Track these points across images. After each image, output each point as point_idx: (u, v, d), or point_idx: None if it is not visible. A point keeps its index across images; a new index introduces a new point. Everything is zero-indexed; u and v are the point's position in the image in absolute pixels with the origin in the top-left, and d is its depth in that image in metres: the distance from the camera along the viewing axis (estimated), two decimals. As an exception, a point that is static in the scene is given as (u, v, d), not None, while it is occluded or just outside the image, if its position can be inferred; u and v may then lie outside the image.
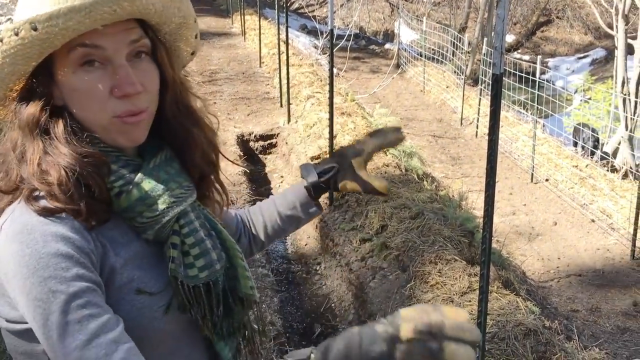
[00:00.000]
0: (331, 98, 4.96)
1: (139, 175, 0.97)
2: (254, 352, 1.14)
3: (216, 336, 1.05)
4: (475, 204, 6.14)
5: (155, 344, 0.98)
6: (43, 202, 0.90)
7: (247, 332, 1.11)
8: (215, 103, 8.69)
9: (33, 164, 0.91)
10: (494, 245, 4.91)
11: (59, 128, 0.93)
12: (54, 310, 0.84)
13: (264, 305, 3.75)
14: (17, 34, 0.87)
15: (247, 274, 1.09)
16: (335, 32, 6.17)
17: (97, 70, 0.93)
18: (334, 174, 1.28)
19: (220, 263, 1.04)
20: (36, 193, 0.91)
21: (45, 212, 0.89)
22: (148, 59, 0.98)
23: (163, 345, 1.00)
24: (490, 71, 9.97)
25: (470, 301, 3.28)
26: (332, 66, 4.94)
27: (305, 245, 5.21)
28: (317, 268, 4.78)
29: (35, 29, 0.86)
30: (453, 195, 5.76)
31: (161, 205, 0.97)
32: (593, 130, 9.09)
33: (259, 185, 6.47)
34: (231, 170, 6.00)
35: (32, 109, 0.93)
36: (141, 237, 0.98)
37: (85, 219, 0.91)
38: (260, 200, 1.43)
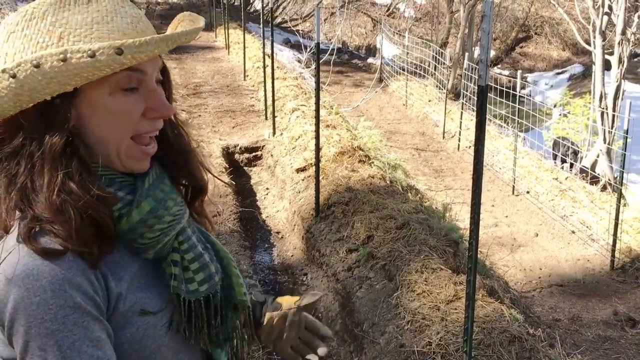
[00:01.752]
0: (317, 110, 5.02)
1: (138, 196, 0.97)
2: (244, 355, 1.17)
3: (212, 345, 1.06)
4: (459, 216, 6.23)
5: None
6: (43, 242, 0.86)
7: (238, 335, 1.13)
8: (200, 116, 8.71)
9: (49, 200, 0.87)
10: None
11: (74, 162, 0.90)
12: None
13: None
14: (92, 57, 0.85)
15: (240, 281, 1.12)
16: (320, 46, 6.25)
17: (133, 94, 0.95)
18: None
19: (218, 275, 1.06)
20: (34, 230, 0.87)
21: (49, 255, 0.86)
22: (159, 83, 1.02)
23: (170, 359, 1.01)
24: (471, 85, 10.16)
25: (456, 309, 3.33)
26: (318, 78, 5.01)
27: (292, 256, 5.23)
28: (304, 278, 4.80)
29: (120, 54, 0.86)
30: (437, 207, 5.84)
31: (162, 225, 0.98)
32: (572, 144, 9.28)
33: (245, 197, 6.49)
34: (217, 182, 6.02)
35: (56, 138, 0.88)
36: (140, 256, 0.98)
37: (91, 259, 0.89)
38: (246, 210, 1.46)
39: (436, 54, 12.60)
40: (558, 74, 20.65)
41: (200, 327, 1.02)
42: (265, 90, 8.36)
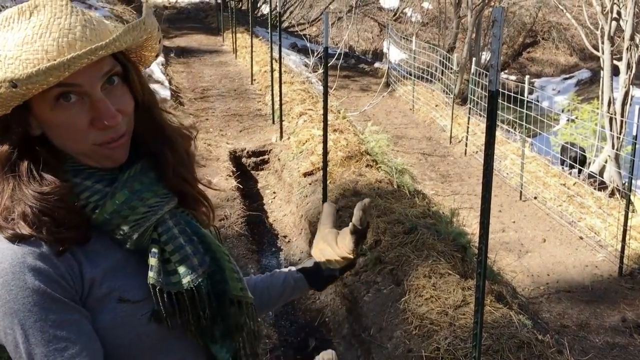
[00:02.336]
0: (325, 114, 5.02)
1: (113, 188, 1.00)
2: (254, 353, 1.16)
3: (208, 340, 1.07)
4: (466, 221, 6.21)
5: (144, 349, 1.01)
6: (12, 226, 0.93)
7: (244, 333, 1.12)
8: (207, 119, 8.74)
9: (2, 201, 0.95)
10: (485, 260, 4.96)
11: (24, 167, 0.96)
12: (23, 342, 0.90)
13: (259, 319, 3.76)
14: (15, 87, 0.90)
15: (235, 275, 1.11)
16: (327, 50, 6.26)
17: (75, 105, 0.96)
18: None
19: (202, 268, 1.05)
20: (8, 218, 0.93)
21: (13, 239, 0.92)
22: (120, 82, 1.02)
23: (155, 349, 1.02)
24: (478, 90, 10.14)
25: (464, 314, 3.32)
26: (326, 83, 5.01)
27: (299, 260, 5.23)
28: (311, 283, 4.79)
29: (15, 87, 0.90)
30: (444, 212, 5.82)
31: (136, 216, 1.00)
32: (580, 149, 9.25)
33: (252, 201, 6.49)
34: (224, 186, 6.04)
35: (5, 147, 0.96)
36: (123, 247, 1.00)
37: (50, 246, 0.93)
38: (253, 214, 1.49)
39: (443, 58, 12.59)
40: (565, 79, 20.61)
41: (186, 320, 1.03)
42: (272, 95, 8.37)
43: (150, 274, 1.00)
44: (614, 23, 8.85)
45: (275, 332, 3.79)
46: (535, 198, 8.29)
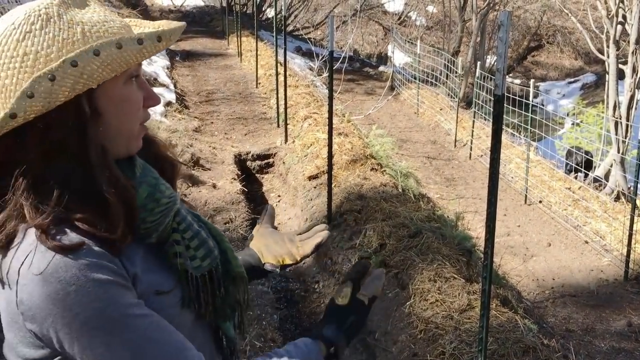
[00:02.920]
0: (330, 117, 5.03)
1: (135, 183, 1.01)
2: (244, 326, 1.22)
3: (220, 318, 1.12)
4: (471, 225, 6.20)
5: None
6: (61, 239, 0.89)
7: (241, 307, 1.18)
8: (212, 123, 8.75)
9: (70, 193, 0.91)
10: (490, 264, 4.95)
11: (98, 151, 0.94)
12: (122, 333, 0.89)
13: (264, 322, 3.77)
14: (140, 44, 0.94)
15: (234, 254, 1.18)
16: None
17: (134, 84, 1.02)
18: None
19: (216, 249, 1.12)
20: (51, 229, 0.89)
21: (66, 250, 0.88)
22: None
23: (187, 337, 1.04)
24: (483, 94, 10.13)
25: (470, 318, 3.32)
26: (331, 86, 5.02)
27: (303, 263, 5.23)
28: (316, 286, 4.80)
29: (160, 40, 0.97)
30: (449, 216, 5.82)
31: (161, 208, 1.02)
32: (586, 153, 9.22)
33: (257, 204, 6.50)
34: (229, 189, 6.05)
35: (90, 130, 0.93)
36: (143, 242, 1.01)
37: (113, 247, 0.92)
38: (258, 217, 1.53)
39: (448, 62, 12.59)
40: (570, 83, 20.58)
41: (207, 301, 1.07)
42: (277, 98, 8.39)
43: (180, 260, 1.04)
44: (619, 27, 8.83)
45: (280, 336, 3.79)
46: (540, 202, 8.28)
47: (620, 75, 9.04)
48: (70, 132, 0.92)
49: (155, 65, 10.87)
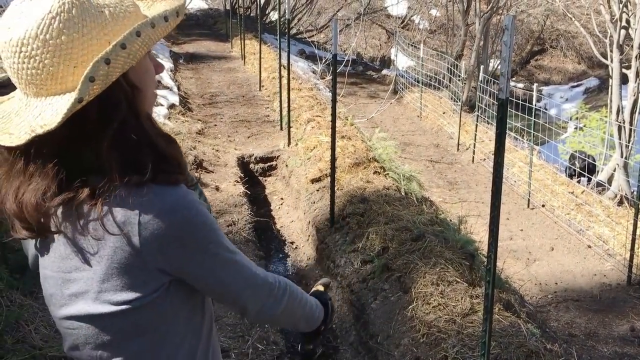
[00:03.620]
0: (333, 121, 5.03)
1: None
2: None
3: None
4: (474, 229, 6.19)
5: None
6: (163, 179, 1.05)
7: None
8: (215, 125, 8.77)
9: (162, 145, 1.09)
10: (493, 268, 4.94)
11: (148, 119, 1.09)
12: (224, 248, 1.12)
13: (266, 325, 3.76)
14: (166, 20, 1.05)
15: None
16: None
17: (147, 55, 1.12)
18: None
19: None
20: (152, 176, 1.04)
21: (177, 184, 1.07)
22: None
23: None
24: (486, 97, 10.13)
25: (472, 322, 3.31)
26: (334, 89, 5.02)
27: (306, 266, 5.23)
28: (318, 289, 4.79)
29: (178, 15, 1.07)
30: (452, 220, 5.81)
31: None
32: (589, 157, 9.21)
33: (259, 207, 6.50)
34: (232, 192, 6.05)
35: (136, 102, 1.06)
36: None
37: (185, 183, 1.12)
38: (260, 220, 1.67)
39: (451, 66, 12.59)
40: (573, 87, 20.56)
41: None
42: (280, 101, 8.40)
43: None
44: (623, 31, 8.83)
45: (281, 339, 3.79)
46: (543, 206, 8.26)
47: (624, 79, 9.03)
48: (122, 108, 1.03)
49: (159, 68, 10.87)
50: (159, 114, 8.09)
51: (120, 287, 1.03)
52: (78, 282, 1.04)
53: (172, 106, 8.84)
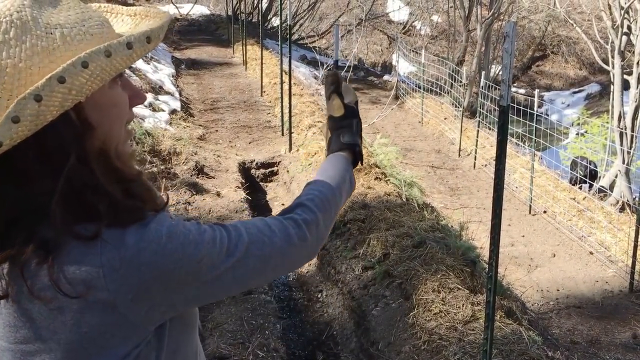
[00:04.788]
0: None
1: None
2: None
3: None
4: (475, 235, 6.17)
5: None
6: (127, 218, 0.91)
7: None
8: (217, 131, 8.77)
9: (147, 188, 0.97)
10: (494, 275, 4.93)
11: (100, 161, 0.92)
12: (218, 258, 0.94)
13: (267, 332, 3.75)
14: (130, 48, 0.87)
15: None
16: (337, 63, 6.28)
17: (119, 83, 0.95)
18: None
19: None
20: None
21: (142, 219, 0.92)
22: None
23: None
24: (487, 103, 10.13)
25: (474, 330, 3.30)
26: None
27: (307, 272, 5.22)
28: (319, 295, 4.78)
29: (149, 42, 0.89)
30: (453, 226, 5.80)
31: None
32: (590, 163, 9.20)
33: (260, 212, 6.49)
34: (233, 197, 6.04)
35: (87, 143, 0.89)
36: None
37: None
38: None
39: (452, 71, 12.61)
40: (575, 92, 20.56)
41: None
42: (282, 107, 8.40)
43: None
44: (624, 37, 8.84)
45: (283, 346, 3.77)
46: (544, 212, 8.25)
47: (625, 85, 9.03)
48: (67, 149, 0.85)
49: (161, 73, 10.91)
50: (160, 119, 8.10)
51: (97, 352, 0.87)
52: (41, 355, 0.87)
53: (173, 112, 8.85)
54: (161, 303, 0.89)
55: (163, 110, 8.62)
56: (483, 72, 11.34)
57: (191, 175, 6.37)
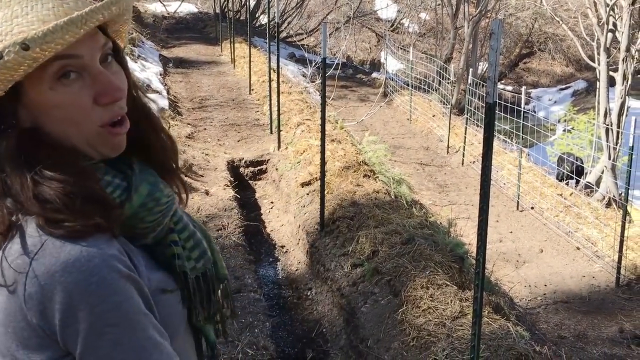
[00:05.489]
0: (323, 124, 5.04)
1: (134, 181, 0.97)
2: (225, 330, 1.18)
3: (206, 321, 1.08)
4: (463, 231, 6.22)
5: (179, 339, 1.00)
6: (67, 226, 0.84)
7: (222, 310, 1.14)
8: (205, 129, 8.75)
9: (29, 198, 0.85)
10: (482, 271, 4.96)
11: (42, 152, 0.88)
12: (131, 334, 0.84)
13: (256, 330, 3.76)
14: (0, 57, 0.83)
15: (219, 255, 1.14)
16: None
17: (76, 82, 0.90)
18: None
19: (209, 251, 1.08)
20: (50, 221, 0.85)
21: (80, 235, 0.84)
22: (114, 61, 0.97)
23: (185, 338, 1.04)
24: (475, 100, 10.18)
25: (462, 326, 3.32)
26: (324, 93, 5.03)
27: (296, 270, 5.23)
28: (308, 293, 4.79)
29: (27, 49, 0.82)
30: (441, 222, 5.83)
31: (161, 207, 0.98)
32: (577, 159, 9.27)
33: (250, 210, 6.49)
34: (222, 196, 6.03)
35: (8, 139, 0.87)
36: (139, 242, 0.97)
37: (110, 230, 0.88)
38: (250, 224, 1.49)
39: (440, 69, 12.65)
40: (562, 89, 20.70)
41: (202, 303, 1.04)
42: (270, 104, 8.39)
43: (179, 262, 1.00)
44: (609, 34, 8.90)
45: (272, 343, 3.78)
46: (532, 208, 8.31)
47: (611, 82, 9.10)
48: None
49: (148, 72, 10.86)
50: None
51: (19, 345, 0.84)
52: None
53: (161, 110, 8.81)
54: (60, 331, 0.84)
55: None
56: (471, 70, 11.37)
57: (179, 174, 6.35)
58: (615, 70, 8.91)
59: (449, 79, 12.06)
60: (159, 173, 1.04)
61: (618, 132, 8.61)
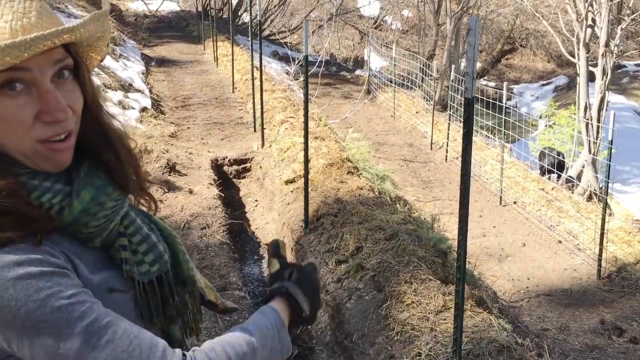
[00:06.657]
0: (306, 122, 5.05)
1: (76, 187, 0.95)
2: (196, 329, 1.17)
3: (168, 321, 1.07)
4: (447, 226, 6.25)
5: None
6: None
7: (188, 310, 1.14)
8: (188, 128, 8.71)
9: None
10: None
11: None
12: (71, 322, 0.84)
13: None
14: None
15: (186, 257, 1.13)
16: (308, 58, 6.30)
17: (21, 95, 0.89)
18: None
19: (167, 253, 1.07)
20: None
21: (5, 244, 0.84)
22: (71, 78, 0.96)
23: None
24: (458, 97, 10.25)
25: (445, 319, 3.35)
26: (307, 90, 5.04)
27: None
28: (293, 290, 4.79)
29: None
30: (425, 218, 5.87)
31: (106, 212, 0.97)
32: (558, 154, 9.38)
33: (234, 209, 6.48)
34: (206, 194, 6.02)
35: None
36: (87, 245, 0.96)
37: (29, 239, 0.87)
38: (235, 222, 1.49)
39: (423, 65, 12.72)
40: (543, 85, 20.89)
41: (157, 308, 1.03)
42: (253, 103, 8.38)
43: (126, 267, 0.99)
44: (589, 30, 9.01)
45: (257, 341, 3.78)
46: (514, 203, 8.39)
47: (591, 77, 9.22)
48: None
49: (131, 71, 10.79)
50: (130, 117, 8.02)
51: None
52: None
53: (144, 109, 8.76)
54: None
55: (133, 108, 8.52)
56: (453, 66, 11.46)
57: (163, 173, 6.32)
58: (595, 65, 9.02)
59: (431, 75, 12.14)
60: (121, 189, 1.03)
61: (598, 127, 8.73)
